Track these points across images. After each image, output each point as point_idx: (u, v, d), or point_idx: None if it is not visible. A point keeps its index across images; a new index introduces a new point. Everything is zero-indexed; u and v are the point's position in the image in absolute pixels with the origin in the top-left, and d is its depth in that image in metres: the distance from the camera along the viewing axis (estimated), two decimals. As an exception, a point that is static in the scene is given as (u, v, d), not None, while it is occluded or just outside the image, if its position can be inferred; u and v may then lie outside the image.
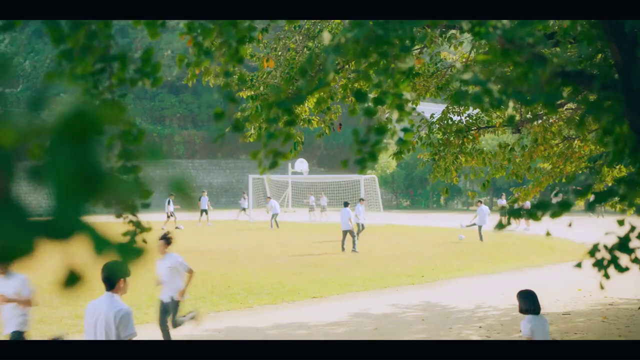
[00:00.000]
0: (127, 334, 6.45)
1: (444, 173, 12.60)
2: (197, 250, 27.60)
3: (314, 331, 13.44)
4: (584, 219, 45.56)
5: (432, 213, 55.26)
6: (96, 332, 6.48)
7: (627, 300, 16.43)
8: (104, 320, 6.44)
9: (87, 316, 6.66)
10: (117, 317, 6.43)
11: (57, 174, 0.82)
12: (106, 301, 6.56)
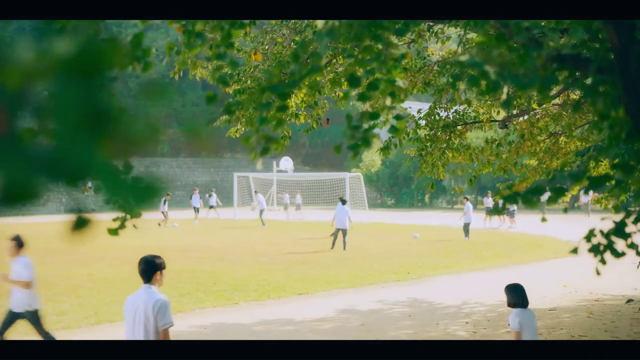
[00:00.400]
0: (164, 322, 6.63)
1: (431, 168, 12.58)
2: (183, 248, 27.51)
3: (300, 327, 13.40)
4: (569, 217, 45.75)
5: (417, 211, 55.30)
6: (135, 323, 6.66)
7: (613, 296, 16.48)
8: (142, 311, 6.63)
9: (127, 309, 6.84)
10: (156, 307, 6.61)
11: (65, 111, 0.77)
12: (144, 293, 6.76)
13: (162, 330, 6.65)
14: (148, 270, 6.86)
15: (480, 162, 13.08)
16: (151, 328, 6.60)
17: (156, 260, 6.96)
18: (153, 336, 6.60)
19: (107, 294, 16.60)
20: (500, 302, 15.81)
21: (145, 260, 6.90)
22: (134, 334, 6.67)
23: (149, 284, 6.86)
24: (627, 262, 20.85)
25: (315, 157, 72.76)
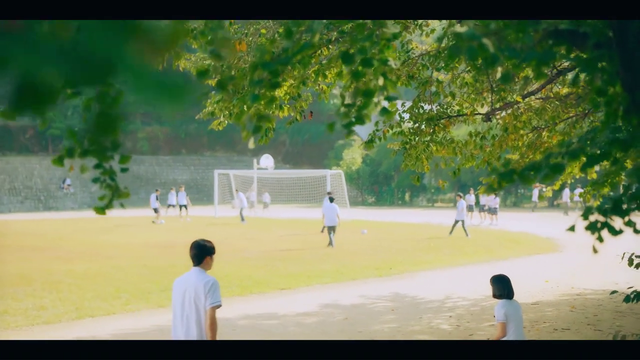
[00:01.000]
0: (212, 301, 6.87)
1: (415, 162, 12.54)
2: (164, 244, 27.37)
3: (284, 321, 13.33)
4: (549, 215, 46.02)
5: (398, 209, 55.36)
6: (184, 303, 6.93)
7: (594, 291, 16.55)
8: (193, 291, 6.91)
9: (176, 290, 7.16)
10: (207, 287, 6.89)
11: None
12: (194, 275, 7.07)
13: (210, 309, 6.87)
14: (199, 253, 7.19)
15: (464, 155, 13.04)
16: (201, 307, 6.86)
17: (207, 244, 7.30)
18: (203, 315, 6.86)
19: (88, 289, 16.46)
20: (483, 296, 15.85)
21: (197, 244, 7.27)
22: (183, 313, 6.93)
23: (199, 267, 7.15)
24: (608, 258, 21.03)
25: (295, 155, 72.70)
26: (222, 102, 10.43)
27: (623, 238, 3.86)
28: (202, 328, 6.86)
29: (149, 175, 69.45)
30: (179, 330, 6.95)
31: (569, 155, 3.32)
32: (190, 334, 6.87)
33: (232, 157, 72.86)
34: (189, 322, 6.88)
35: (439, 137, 12.68)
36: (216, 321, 6.90)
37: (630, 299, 9.39)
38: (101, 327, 12.83)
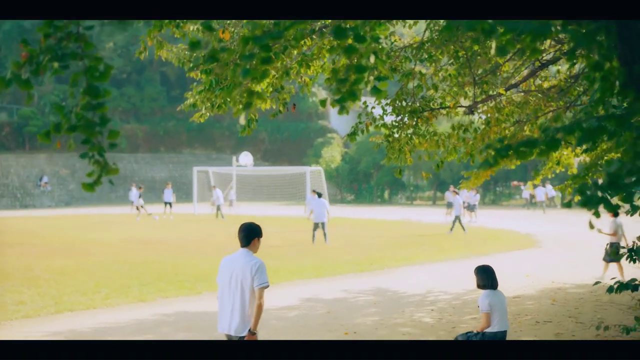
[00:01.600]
0: (260, 282, 7.16)
1: (398, 154, 12.50)
2: (142, 241, 27.22)
3: (265, 315, 13.13)
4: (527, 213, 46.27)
5: (377, 207, 55.38)
6: (231, 283, 7.18)
7: (574, 284, 16.61)
8: (240, 272, 7.15)
9: (223, 270, 7.35)
10: (254, 268, 7.15)
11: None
12: (242, 256, 7.27)
13: (258, 289, 7.16)
14: (248, 235, 7.34)
15: (447, 148, 13.02)
16: (247, 288, 7.13)
17: (255, 227, 7.44)
18: (249, 294, 7.12)
19: (67, 284, 16.30)
20: (464, 290, 15.86)
21: (246, 226, 7.41)
22: (230, 292, 7.19)
23: (247, 249, 7.34)
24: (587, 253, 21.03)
25: (275, 152, 72.49)
26: (205, 93, 10.31)
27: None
28: (246, 307, 7.13)
29: (127, 173, 68.96)
30: (226, 309, 7.21)
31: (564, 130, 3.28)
32: (234, 315, 7.14)
33: (210, 154, 72.53)
34: (234, 302, 7.15)
35: (422, 129, 12.65)
36: (263, 302, 7.19)
37: (614, 289, 9.42)
38: (81, 321, 12.69)
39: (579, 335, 11.36)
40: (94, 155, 3.51)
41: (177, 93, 76.41)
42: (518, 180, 55.75)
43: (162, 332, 11.82)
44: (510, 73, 13.65)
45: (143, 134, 72.50)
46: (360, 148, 63.39)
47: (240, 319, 7.15)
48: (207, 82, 10.10)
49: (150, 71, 76.03)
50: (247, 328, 7.17)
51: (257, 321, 7.23)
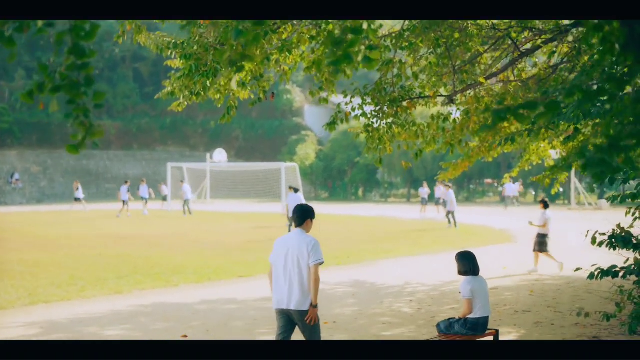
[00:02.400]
0: (316, 259, 7.52)
1: (378, 144, 12.42)
2: (116, 235, 26.98)
3: (244, 306, 13.15)
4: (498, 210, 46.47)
5: (351, 204, 55.36)
6: (287, 262, 7.54)
7: (551, 277, 16.66)
8: (296, 250, 7.53)
9: (277, 249, 7.71)
10: (310, 246, 7.52)
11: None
12: (297, 235, 7.66)
13: (313, 266, 7.52)
14: (301, 216, 7.76)
15: (425, 138, 12.98)
16: (304, 264, 7.49)
17: (309, 208, 7.93)
18: (306, 271, 7.48)
19: (41, 277, 16.08)
20: (441, 282, 15.86)
21: (300, 207, 7.86)
22: (285, 271, 7.54)
23: (300, 228, 7.73)
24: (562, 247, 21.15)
25: (248, 150, 72.28)
26: (184, 79, 10.17)
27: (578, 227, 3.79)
28: (305, 283, 7.48)
29: (99, 170, 68.53)
30: (283, 288, 7.55)
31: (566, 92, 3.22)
32: (293, 291, 7.48)
33: (184, 152, 72.13)
34: (292, 280, 7.50)
35: (401, 119, 12.59)
36: (319, 277, 7.55)
37: (594, 275, 9.42)
38: (56, 312, 12.51)
39: (559, 323, 11.37)
40: (79, 116, 3.39)
41: (150, 90, 75.89)
42: (492, 178, 56.02)
43: (140, 322, 11.67)
44: (488, 65, 13.65)
45: (116, 131, 71.95)
46: (334, 145, 63.39)
47: (301, 294, 7.48)
48: (186, 68, 9.96)
49: (123, 68, 75.51)
50: (307, 302, 7.52)
51: (316, 295, 7.57)
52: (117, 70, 75.46)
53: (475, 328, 8.79)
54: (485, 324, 8.87)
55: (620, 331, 10.63)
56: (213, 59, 9.76)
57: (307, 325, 7.57)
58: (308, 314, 7.54)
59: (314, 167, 63.47)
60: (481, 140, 14.04)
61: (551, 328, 11.08)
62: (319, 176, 64.16)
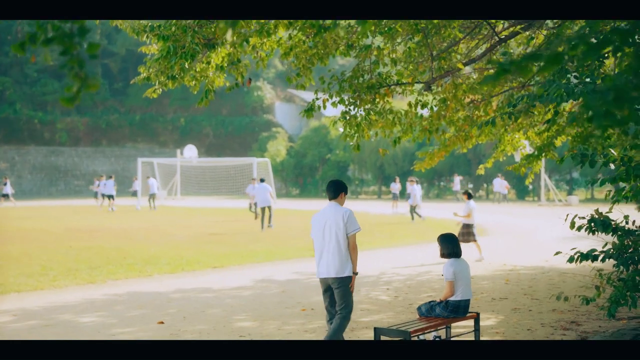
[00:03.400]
0: (353, 227, 7.99)
1: (356, 130, 12.35)
2: (88, 229, 26.69)
3: (219, 294, 13.02)
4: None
5: (322, 201, 55.25)
6: (324, 234, 7.97)
7: (525, 267, 16.72)
8: (333, 221, 7.95)
9: (315, 224, 8.11)
10: (345, 216, 7.98)
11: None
12: (332, 208, 8.10)
13: (351, 235, 7.98)
14: (335, 189, 8.22)
15: (403, 126, 12.95)
16: (341, 235, 7.90)
17: (342, 182, 8.36)
18: (343, 241, 7.90)
19: (11, 268, 15.85)
20: (417, 272, 15.86)
21: (334, 182, 8.28)
22: (324, 243, 7.98)
23: (335, 201, 8.19)
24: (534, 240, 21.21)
25: (219, 147, 71.95)
26: (161, 61, 10.01)
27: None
28: (343, 252, 7.88)
29: (68, 167, 67.85)
30: (324, 257, 7.98)
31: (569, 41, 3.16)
32: (332, 260, 7.89)
33: (154, 148, 71.64)
34: (331, 249, 7.91)
35: (378, 106, 12.53)
36: (357, 245, 8.05)
37: (574, 259, 9.41)
38: (29, 301, 12.31)
39: (536, 309, 11.39)
40: (73, 67, 3.27)
41: (119, 86, 75.35)
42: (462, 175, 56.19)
43: (115, 310, 11.51)
44: (465, 54, 13.65)
45: (84, 127, 71.28)
46: (305, 142, 63.32)
47: (339, 263, 7.87)
48: (164, 49, 9.80)
49: (92, 64, 74.71)
50: (345, 269, 7.91)
51: (355, 262, 8.04)
52: (86, 65, 74.61)
53: (456, 310, 8.76)
54: (466, 307, 8.85)
55: (597, 316, 10.69)
56: (191, 40, 9.62)
57: (343, 292, 7.94)
58: (350, 280, 7.99)
59: (284, 164, 63.32)
60: (457, 130, 14.05)
61: (529, 314, 11.09)
62: (290, 173, 64.02)
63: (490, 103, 13.81)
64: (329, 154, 61.27)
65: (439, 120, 13.23)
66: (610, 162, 9.10)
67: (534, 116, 13.77)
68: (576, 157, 9.11)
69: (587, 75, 8.47)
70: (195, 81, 11.28)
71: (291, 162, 63.54)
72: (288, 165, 63.49)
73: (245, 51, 11.50)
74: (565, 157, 13.77)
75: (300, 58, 11.94)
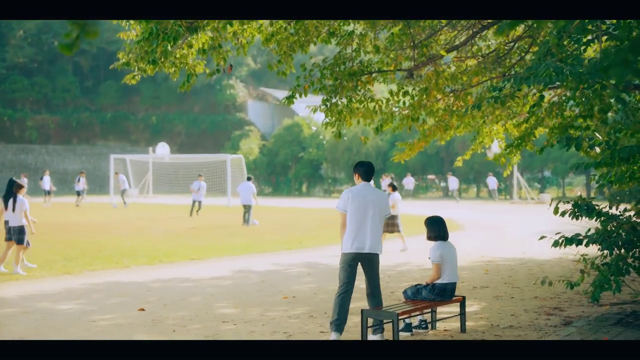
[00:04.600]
0: (388, 211, 8.56)
1: (337, 119, 12.28)
2: (62, 223, 26.35)
3: (199, 284, 12.87)
4: (444, 203, 46.85)
5: (295, 199, 55.15)
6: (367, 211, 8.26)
7: (504, 258, 16.75)
8: (375, 201, 8.33)
9: (354, 199, 8.30)
10: (385, 200, 8.50)
11: None
12: (370, 188, 8.47)
13: (385, 217, 8.58)
14: (369, 172, 8.52)
15: (384, 115, 12.89)
16: (378, 214, 8.32)
17: (373, 166, 8.68)
18: (380, 222, 8.38)
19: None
20: (395, 263, 15.82)
21: (368, 164, 8.59)
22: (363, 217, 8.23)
23: (368, 182, 8.49)
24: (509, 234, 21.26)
25: (191, 145, 71.45)
26: (143, 43, 9.83)
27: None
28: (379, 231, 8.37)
29: (38, 165, 67.02)
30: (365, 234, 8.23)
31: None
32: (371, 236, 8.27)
33: (125, 146, 70.99)
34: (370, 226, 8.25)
35: (360, 94, 12.46)
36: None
37: (559, 243, 9.40)
38: (5, 290, 12.10)
39: (518, 297, 11.40)
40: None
41: (90, 84, 74.68)
42: (435, 174, 56.40)
43: (94, 298, 11.33)
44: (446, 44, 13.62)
45: (55, 125, 70.57)
46: (278, 140, 63.14)
47: (376, 240, 8.32)
48: (146, 31, 9.63)
49: (62, 61, 73.99)
50: (379, 247, 8.45)
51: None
52: (57, 63, 73.93)
53: (442, 293, 8.72)
54: (452, 290, 8.81)
55: (580, 302, 10.70)
56: (175, 22, 9.48)
57: (375, 267, 8.61)
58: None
59: (257, 162, 63.06)
60: (438, 120, 14.02)
61: (511, 301, 11.09)
62: (263, 171, 63.78)
63: (471, 93, 13.79)
64: (302, 152, 61.12)
65: (420, 109, 13.19)
66: (595, 146, 9.12)
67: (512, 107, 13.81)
68: (562, 140, 9.12)
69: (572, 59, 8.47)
70: (175, 68, 11.16)
71: (264, 161, 63.32)
72: (261, 163, 63.24)
73: (225, 37, 11.40)
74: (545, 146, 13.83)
75: (281, 45, 11.86)
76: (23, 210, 13.99)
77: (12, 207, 13.93)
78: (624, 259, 8.90)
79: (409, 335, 8.71)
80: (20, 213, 13.96)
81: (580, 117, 11.82)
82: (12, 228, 13.97)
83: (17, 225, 13.97)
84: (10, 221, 13.97)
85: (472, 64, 13.42)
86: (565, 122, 12.87)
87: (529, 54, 13.02)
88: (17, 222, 13.96)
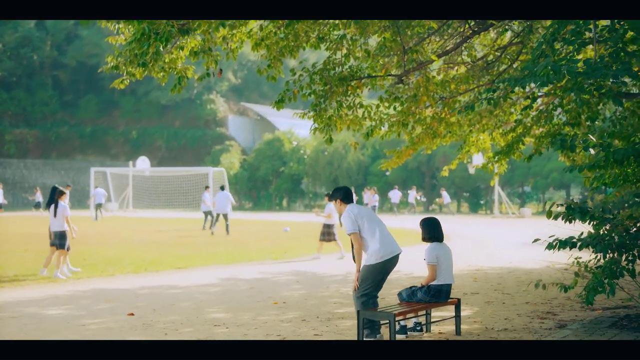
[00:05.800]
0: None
1: (327, 123, 12.22)
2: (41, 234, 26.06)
3: (187, 291, 12.74)
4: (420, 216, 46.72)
5: (276, 213, 54.95)
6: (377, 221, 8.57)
7: (491, 267, 16.74)
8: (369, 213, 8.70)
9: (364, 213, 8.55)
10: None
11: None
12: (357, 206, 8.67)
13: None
14: (349, 193, 8.70)
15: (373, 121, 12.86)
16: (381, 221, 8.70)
17: (349, 188, 8.87)
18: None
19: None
20: (384, 272, 15.69)
21: (344, 187, 8.80)
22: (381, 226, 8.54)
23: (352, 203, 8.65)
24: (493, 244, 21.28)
25: (171, 159, 71.08)
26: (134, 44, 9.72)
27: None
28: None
29: (16, 179, 66.42)
30: (386, 238, 8.47)
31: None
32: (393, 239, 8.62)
33: (105, 161, 70.46)
34: (387, 231, 8.56)
35: (349, 100, 12.42)
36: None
37: (553, 246, 9.36)
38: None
39: (509, 302, 11.37)
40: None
41: (69, 98, 74.21)
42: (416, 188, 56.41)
43: (82, 303, 11.18)
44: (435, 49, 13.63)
45: (33, 139, 70.09)
46: (259, 155, 62.94)
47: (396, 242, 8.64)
48: (138, 32, 9.53)
49: (41, 75, 73.55)
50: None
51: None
52: (35, 77, 73.43)
53: (438, 295, 8.66)
54: (448, 292, 8.76)
55: (572, 307, 10.68)
56: (167, 22, 9.40)
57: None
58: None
59: (238, 177, 62.78)
60: (426, 128, 14.00)
61: (503, 306, 11.05)
62: (243, 186, 63.49)
63: (459, 101, 13.79)
64: (282, 166, 60.97)
65: (408, 116, 13.16)
66: (589, 148, 9.11)
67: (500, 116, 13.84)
68: (556, 142, 9.11)
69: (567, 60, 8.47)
70: (163, 72, 11.10)
71: (245, 175, 63.06)
72: (241, 178, 62.97)
73: (215, 42, 11.34)
74: (533, 154, 13.84)
75: (271, 50, 11.81)
76: (65, 216, 14.42)
77: (54, 212, 14.33)
78: (617, 262, 8.89)
79: (404, 337, 8.64)
80: (62, 218, 14.40)
81: (567, 125, 11.86)
82: (54, 233, 14.39)
83: (59, 230, 14.41)
84: (52, 226, 14.40)
85: (462, 71, 13.43)
86: (553, 130, 12.90)
87: (517, 62, 13.05)
88: (59, 227, 14.43)
